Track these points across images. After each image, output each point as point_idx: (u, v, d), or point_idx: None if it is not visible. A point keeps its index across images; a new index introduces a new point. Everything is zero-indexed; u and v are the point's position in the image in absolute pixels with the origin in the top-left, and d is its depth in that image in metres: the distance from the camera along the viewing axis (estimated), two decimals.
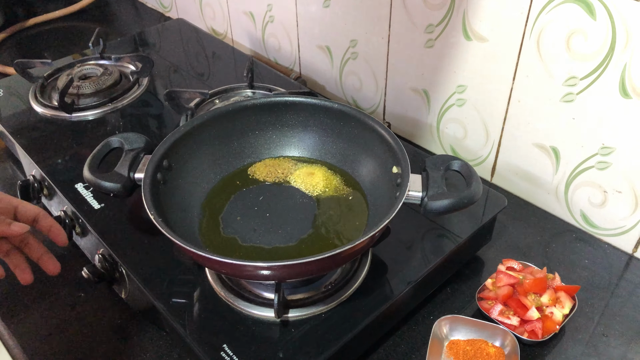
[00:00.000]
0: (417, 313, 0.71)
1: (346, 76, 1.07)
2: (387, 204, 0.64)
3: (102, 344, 0.69)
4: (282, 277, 0.58)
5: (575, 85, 0.73)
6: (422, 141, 1.00)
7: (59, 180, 0.81)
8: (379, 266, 0.68)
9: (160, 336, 0.69)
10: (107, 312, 0.73)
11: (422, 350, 0.67)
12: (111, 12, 1.56)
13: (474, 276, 0.76)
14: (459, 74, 0.87)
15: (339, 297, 0.63)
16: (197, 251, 0.54)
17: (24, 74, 1.02)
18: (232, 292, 0.64)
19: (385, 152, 0.67)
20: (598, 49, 0.69)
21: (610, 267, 0.77)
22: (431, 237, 0.72)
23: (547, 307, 0.68)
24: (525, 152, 0.85)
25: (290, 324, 0.61)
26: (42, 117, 0.96)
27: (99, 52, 1.10)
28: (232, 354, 0.58)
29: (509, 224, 0.84)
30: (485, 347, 0.65)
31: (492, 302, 0.69)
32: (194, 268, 0.68)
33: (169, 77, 1.08)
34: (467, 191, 0.60)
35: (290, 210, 0.70)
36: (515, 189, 0.90)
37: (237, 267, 0.55)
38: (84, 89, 0.98)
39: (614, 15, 0.66)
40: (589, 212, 0.81)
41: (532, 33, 0.75)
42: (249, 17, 1.23)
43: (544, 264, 0.75)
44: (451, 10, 0.82)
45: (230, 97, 0.97)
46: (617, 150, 0.73)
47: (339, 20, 1.01)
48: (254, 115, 0.75)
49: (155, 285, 0.65)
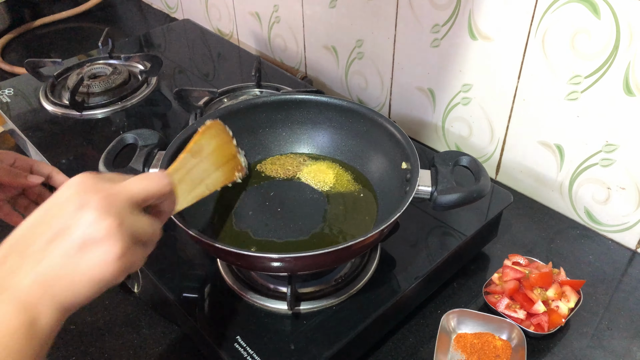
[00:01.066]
0: (425, 307, 0.73)
1: (352, 76, 1.09)
2: (397, 199, 0.65)
3: (114, 337, 0.70)
4: (294, 270, 0.59)
5: (579, 83, 0.75)
6: (428, 139, 1.01)
7: (71, 176, 0.81)
8: (388, 261, 0.69)
9: (172, 330, 0.70)
10: (119, 306, 0.74)
11: (430, 343, 0.68)
12: (117, 13, 1.57)
13: (479, 271, 0.78)
14: (464, 73, 0.88)
15: (349, 291, 0.64)
16: (214, 243, 0.55)
17: (34, 73, 1.04)
18: (244, 285, 0.65)
19: (394, 148, 0.69)
20: (602, 47, 0.70)
21: (614, 263, 0.79)
22: (438, 233, 0.74)
23: (552, 301, 0.69)
24: (530, 150, 0.86)
25: (301, 316, 0.62)
26: (53, 115, 0.97)
27: (107, 52, 1.11)
28: (246, 345, 0.59)
29: (513, 220, 0.85)
30: (492, 340, 0.66)
31: (498, 296, 0.71)
32: (206, 262, 0.69)
33: (175, 77, 1.09)
34: (477, 185, 0.62)
35: (301, 206, 0.71)
36: (519, 186, 0.91)
37: (251, 259, 0.56)
38: (93, 87, 0.99)
39: (618, 15, 0.67)
40: (593, 208, 0.82)
41: (537, 32, 0.76)
42: (255, 17, 1.24)
43: (548, 260, 0.76)
44: (457, 10, 0.83)
45: (239, 96, 0.98)
46: (621, 148, 0.75)
47: (344, 21, 1.02)
48: (264, 113, 0.76)
49: (168, 279, 0.66)
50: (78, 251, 0.39)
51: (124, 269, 0.41)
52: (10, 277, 0.39)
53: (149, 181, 0.45)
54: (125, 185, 0.43)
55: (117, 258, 0.40)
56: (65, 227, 0.40)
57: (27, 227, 0.41)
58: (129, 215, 0.42)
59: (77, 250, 0.39)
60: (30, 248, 0.40)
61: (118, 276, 0.41)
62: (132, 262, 0.42)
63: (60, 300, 0.39)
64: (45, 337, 0.39)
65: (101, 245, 0.40)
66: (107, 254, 0.40)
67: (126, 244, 0.41)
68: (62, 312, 0.40)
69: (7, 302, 0.38)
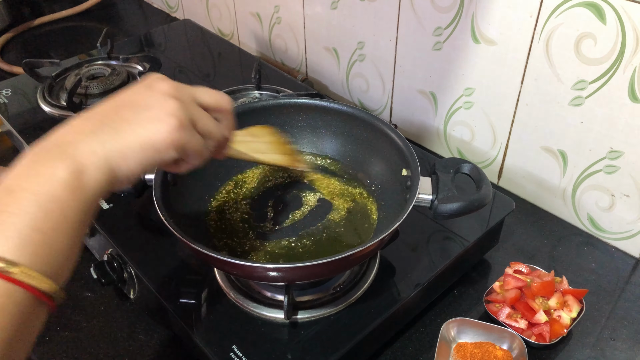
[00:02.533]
0: (425, 315, 0.71)
1: (353, 78, 1.07)
2: (397, 206, 0.64)
3: (110, 343, 0.69)
4: (291, 279, 0.58)
5: (584, 89, 0.74)
6: (429, 143, 1.00)
7: None
8: (387, 269, 0.68)
9: (168, 337, 0.69)
10: (115, 312, 0.73)
11: (429, 352, 0.67)
12: (117, 12, 1.56)
13: (480, 279, 0.77)
14: (467, 77, 0.87)
15: (347, 299, 0.63)
16: (208, 252, 0.54)
17: (32, 74, 1.03)
18: (241, 293, 0.64)
19: (394, 155, 0.68)
20: (608, 52, 0.69)
21: (617, 271, 0.77)
22: (439, 240, 0.73)
23: (554, 311, 0.68)
24: (532, 155, 0.85)
25: (299, 326, 0.61)
26: (50, 117, 0.96)
27: (106, 53, 1.10)
28: (242, 355, 0.58)
29: (515, 227, 0.84)
30: (492, 350, 0.65)
31: (499, 305, 0.70)
32: (203, 269, 0.68)
33: (175, 78, 1.08)
34: (478, 194, 0.61)
35: (299, 212, 0.70)
36: (522, 192, 0.90)
37: (247, 268, 0.55)
38: (92, 89, 0.98)
39: (623, 20, 0.66)
40: (596, 215, 0.81)
41: (541, 36, 0.75)
42: (255, 18, 1.23)
43: (550, 267, 0.75)
44: (460, 13, 0.82)
45: (238, 98, 0.97)
46: (626, 154, 0.74)
47: (346, 22, 1.01)
48: (262, 117, 0.75)
49: (163, 286, 0.65)
50: (139, 117, 0.43)
51: (177, 141, 0.44)
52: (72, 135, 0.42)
53: (217, 94, 0.50)
54: (194, 87, 0.49)
55: (172, 130, 0.43)
56: (133, 99, 0.45)
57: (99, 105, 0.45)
58: (192, 104, 0.47)
59: (138, 116, 0.43)
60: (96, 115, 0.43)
61: (168, 147, 0.44)
62: (185, 141, 0.45)
63: (111, 158, 0.41)
64: (92, 194, 0.40)
65: (161, 115, 0.43)
66: (163, 124, 0.43)
67: (183, 122, 0.44)
68: (110, 173, 0.41)
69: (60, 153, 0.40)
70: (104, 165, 0.41)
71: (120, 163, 0.42)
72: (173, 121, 0.43)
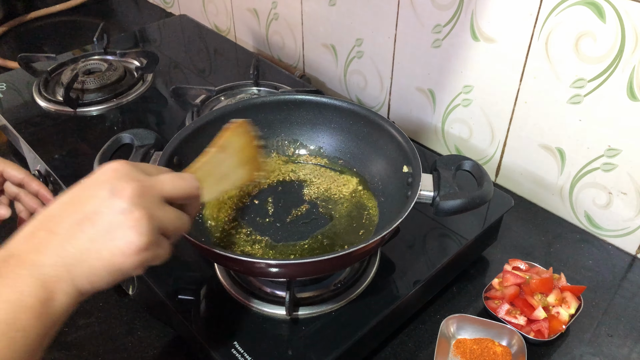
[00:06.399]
0: (424, 312, 0.72)
1: (351, 75, 1.07)
2: (398, 203, 0.64)
3: (108, 340, 0.69)
4: (293, 275, 0.58)
5: (583, 87, 0.74)
6: (427, 141, 1.00)
7: (65, 175, 0.80)
8: (387, 265, 0.68)
9: (168, 333, 0.69)
10: (114, 308, 0.72)
11: (429, 348, 0.67)
12: (112, 7, 1.55)
13: (479, 276, 0.77)
14: (465, 74, 0.87)
15: (348, 296, 0.63)
16: (210, 248, 0.54)
17: (27, 68, 1.02)
18: (242, 289, 0.64)
19: (395, 151, 0.68)
20: (607, 51, 0.70)
21: (613, 268, 0.78)
22: (438, 237, 0.73)
23: (553, 307, 0.68)
24: (530, 153, 0.85)
25: (300, 322, 0.61)
26: (46, 112, 0.95)
27: (102, 47, 1.09)
28: (243, 351, 0.58)
29: (513, 224, 0.84)
30: (492, 346, 0.66)
31: (499, 301, 0.70)
32: (203, 265, 0.68)
33: (171, 74, 1.08)
34: (479, 191, 0.61)
35: (300, 209, 0.70)
36: (519, 189, 0.90)
37: (249, 264, 0.55)
38: (88, 84, 0.97)
39: (623, 18, 0.66)
40: (594, 213, 0.82)
41: (540, 34, 0.75)
42: (252, 14, 1.22)
43: (548, 264, 0.75)
44: (459, 10, 0.82)
45: (236, 95, 0.97)
46: (623, 152, 0.74)
47: (344, 19, 1.01)
48: (262, 113, 0.74)
49: (163, 282, 0.65)
50: (104, 238, 0.40)
51: (144, 260, 0.42)
52: (36, 253, 0.39)
53: (182, 182, 0.46)
54: (159, 180, 0.44)
55: (140, 250, 0.41)
56: (96, 211, 0.40)
57: (59, 206, 0.42)
58: (158, 208, 0.43)
59: (103, 237, 0.40)
60: (60, 226, 0.40)
61: (137, 267, 0.42)
62: (154, 255, 0.43)
63: (78, 283, 0.40)
64: (57, 317, 0.40)
65: (127, 235, 0.40)
66: (131, 244, 0.40)
67: (151, 238, 0.41)
68: (77, 295, 0.40)
69: (27, 277, 0.38)
70: (72, 291, 0.40)
71: (87, 287, 0.41)
72: (140, 241, 0.40)
